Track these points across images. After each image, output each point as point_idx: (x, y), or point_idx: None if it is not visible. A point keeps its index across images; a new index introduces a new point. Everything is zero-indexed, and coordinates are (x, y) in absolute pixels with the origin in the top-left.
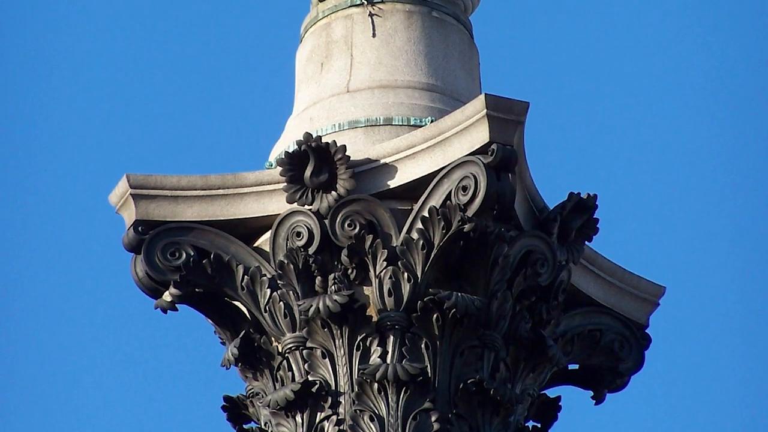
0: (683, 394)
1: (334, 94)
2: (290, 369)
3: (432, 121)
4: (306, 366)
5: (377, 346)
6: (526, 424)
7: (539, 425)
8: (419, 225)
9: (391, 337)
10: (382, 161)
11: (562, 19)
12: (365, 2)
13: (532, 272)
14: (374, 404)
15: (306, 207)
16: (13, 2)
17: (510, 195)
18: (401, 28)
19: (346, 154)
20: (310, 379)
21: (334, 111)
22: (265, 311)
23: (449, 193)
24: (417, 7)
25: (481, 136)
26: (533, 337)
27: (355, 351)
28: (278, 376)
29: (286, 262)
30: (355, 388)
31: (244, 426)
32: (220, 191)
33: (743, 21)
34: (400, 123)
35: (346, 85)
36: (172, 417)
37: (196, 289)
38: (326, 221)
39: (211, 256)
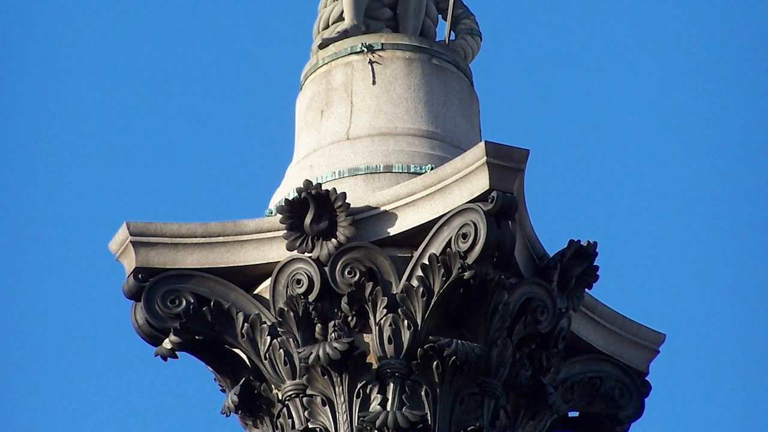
0: None
1: (334, 141)
2: (290, 416)
3: (432, 169)
4: (306, 413)
5: (377, 393)
6: None
7: None
8: (419, 272)
9: (391, 385)
10: (382, 209)
11: (562, 67)
12: (365, 50)
13: (532, 320)
14: None
15: (306, 254)
16: (12, 45)
17: (510, 242)
18: (401, 76)
19: (346, 201)
20: (310, 426)
21: (334, 158)
22: (265, 359)
23: (449, 241)
24: (417, 55)
25: (481, 183)
26: (533, 385)
27: (355, 398)
28: (278, 424)
29: (286, 309)
30: None
31: None
32: (220, 239)
33: (741, 68)
34: (400, 170)
35: (346, 133)
36: None
37: (196, 337)
38: (326, 269)
39: (211, 303)
